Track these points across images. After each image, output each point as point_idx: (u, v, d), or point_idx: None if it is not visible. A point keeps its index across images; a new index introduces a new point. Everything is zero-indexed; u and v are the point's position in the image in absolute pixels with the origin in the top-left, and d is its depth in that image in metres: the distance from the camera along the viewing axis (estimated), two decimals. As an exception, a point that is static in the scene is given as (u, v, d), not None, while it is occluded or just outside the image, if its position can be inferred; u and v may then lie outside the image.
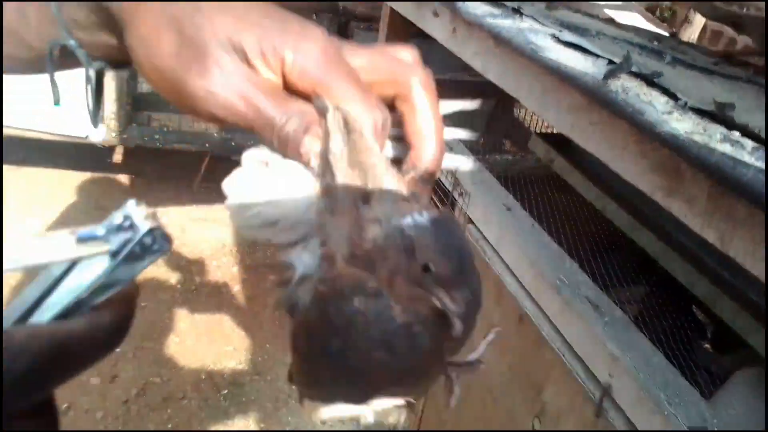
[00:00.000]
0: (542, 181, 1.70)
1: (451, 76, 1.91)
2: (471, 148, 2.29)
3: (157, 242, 0.33)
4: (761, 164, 0.61)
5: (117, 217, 0.33)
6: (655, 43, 1.39)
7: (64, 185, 3.17)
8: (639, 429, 0.81)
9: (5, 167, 3.19)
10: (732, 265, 0.82)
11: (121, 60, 0.43)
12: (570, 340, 0.96)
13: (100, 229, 0.33)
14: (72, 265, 0.32)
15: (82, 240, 0.32)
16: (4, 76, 0.50)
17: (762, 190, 0.56)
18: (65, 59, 0.44)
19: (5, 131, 2.78)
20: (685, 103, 0.74)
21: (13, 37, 0.44)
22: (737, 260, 0.60)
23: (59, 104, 0.50)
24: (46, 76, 0.47)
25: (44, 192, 3.11)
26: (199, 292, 2.61)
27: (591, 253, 1.56)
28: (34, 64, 0.46)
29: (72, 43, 0.42)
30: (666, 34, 1.94)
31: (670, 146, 0.66)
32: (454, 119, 0.47)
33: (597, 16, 1.58)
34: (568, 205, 1.50)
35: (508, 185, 1.60)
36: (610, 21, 1.60)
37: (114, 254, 0.32)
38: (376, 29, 2.04)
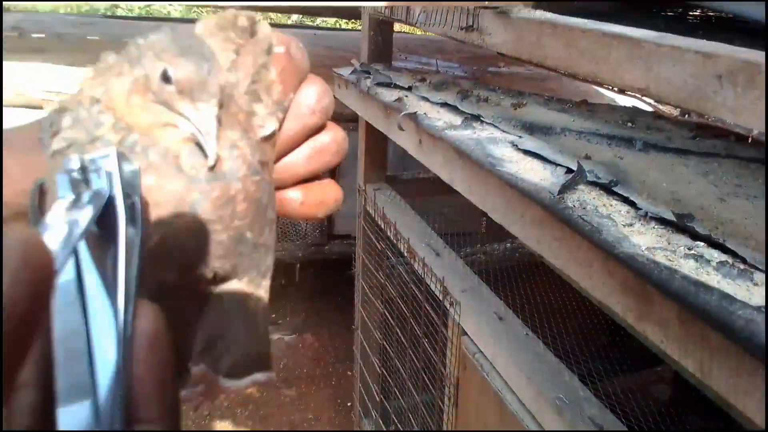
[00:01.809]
0: (542, 272, 1.64)
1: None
2: (472, 235, 2.26)
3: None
4: (728, 283, 0.56)
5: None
6: (629, 124, 1.37)
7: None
8: None
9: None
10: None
11: None
12: (577, 466, 0.88)
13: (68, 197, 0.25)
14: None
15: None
16: None
17: (730, 321, 0.51)
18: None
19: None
20: (646, 213, 0.69)
21: None
22: (720, 394, 0.54)
23: None
24: None
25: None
26: (212, 416, 2.52)
27: (603, 343, 1.48)
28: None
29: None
30: (645, 106, 1.93)
31: (631, 268, 0.61)
32: (454, 206, 0.43)
33: (570, 102, 1.58)
34: (569, 300, 1.44)
35: (505, 281, 1.55)
36: (583, 104, 1.59)
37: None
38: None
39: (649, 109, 1.85)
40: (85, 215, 0.24)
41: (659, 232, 0.67)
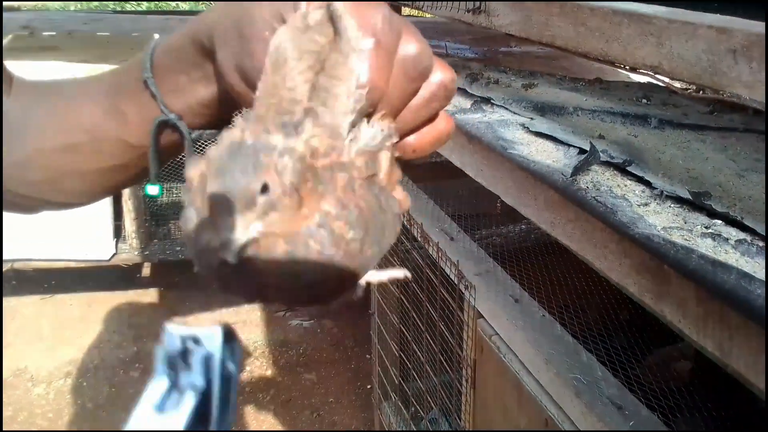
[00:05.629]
0: (558, 252, 1.63)
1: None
2: (487, 216, 2.24)
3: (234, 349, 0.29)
4: (746, 262, 0.55)
5: (172, 356, 0.29)
6: (643, 101, 1.35)
7: (95, 307, 3.22)
8: None
9: (37, 298, 3.26)
10: None
11: (209, 121, 0.46)
12: (596, 447, 0.88)
13: (162, 383, 0.28)
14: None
15: (163, 409, 0.28)
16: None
17: (749, 299, 0.50)
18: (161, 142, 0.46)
19: (33, 265, 2.86)
20: (661, 192, 0.69)
21: (114, 146, 0.47)
22: (740, 372, 0.54)
23: (155, 184, 0.53)
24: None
25: (76, 316, 3.16)
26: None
27: (623, 321, 1.47)
28: (134, 167, 0.49)
29: (173, 116, 0.45)
30: (660, 82, 1.89)
31: (646, 249, 0.61)
32: (470, 188, 0.45)
33: (583, 80, 1.56)
34: (586, 279, 1.43)
35: (521, 262, 1.55)
36: (596, 81, 1.57)
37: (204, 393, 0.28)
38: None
39: (663, 84, 1.82)
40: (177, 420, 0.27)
41: (675, 211, 0.67)
